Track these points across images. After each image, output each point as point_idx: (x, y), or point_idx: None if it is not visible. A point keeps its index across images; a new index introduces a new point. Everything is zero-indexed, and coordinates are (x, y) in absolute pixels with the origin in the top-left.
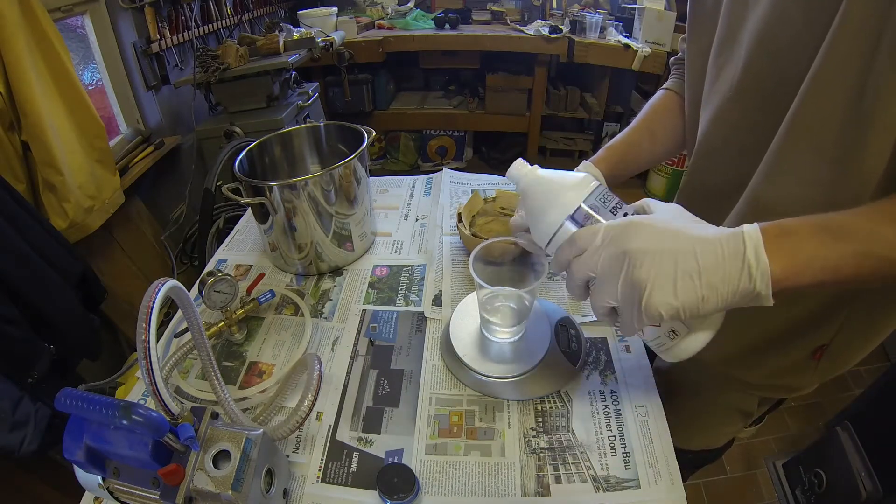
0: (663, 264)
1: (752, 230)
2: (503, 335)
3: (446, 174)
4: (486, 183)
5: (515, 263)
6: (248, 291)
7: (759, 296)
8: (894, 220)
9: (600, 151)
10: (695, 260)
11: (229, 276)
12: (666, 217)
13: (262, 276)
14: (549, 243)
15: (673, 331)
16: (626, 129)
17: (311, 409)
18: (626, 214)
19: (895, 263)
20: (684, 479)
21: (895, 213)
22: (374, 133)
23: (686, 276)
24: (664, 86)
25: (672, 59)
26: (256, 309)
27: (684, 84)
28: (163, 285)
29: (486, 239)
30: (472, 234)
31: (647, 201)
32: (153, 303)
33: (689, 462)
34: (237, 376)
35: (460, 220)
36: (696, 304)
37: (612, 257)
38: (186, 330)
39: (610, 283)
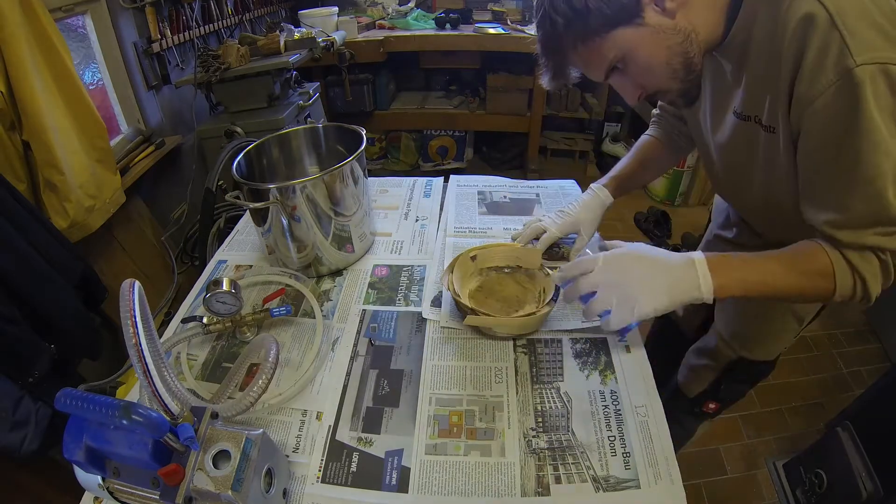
0: (646, 283)
1: (700, 259)
2: None
3: (453, 181)
4: (492, 185)
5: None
6: (265, 302)
7: (704, 300)
8: (791, 265)
9: (607, 179)
10: (665, 280)
11: (234, 291)
12: (642, 248)
13: (282, 290)
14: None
15: None
16: (625, 161)
17: (263, 390)
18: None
19: (784, 295)
20: (741, 395)
21: (793, 261)
22: (365, 131)
23: (661, 291)
24: (647, 133)
25: (653, 112)
26: (268, 319)
27: (661, 132)
28: (134, 286)
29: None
30: (472, 310)
31: (618, 242)
32: (133, 304)
33: (748, 377)
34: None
35: (452, 285)
36: (666, 307)
37: (611, 279)
38: (194, 317)
39: (608, 294)
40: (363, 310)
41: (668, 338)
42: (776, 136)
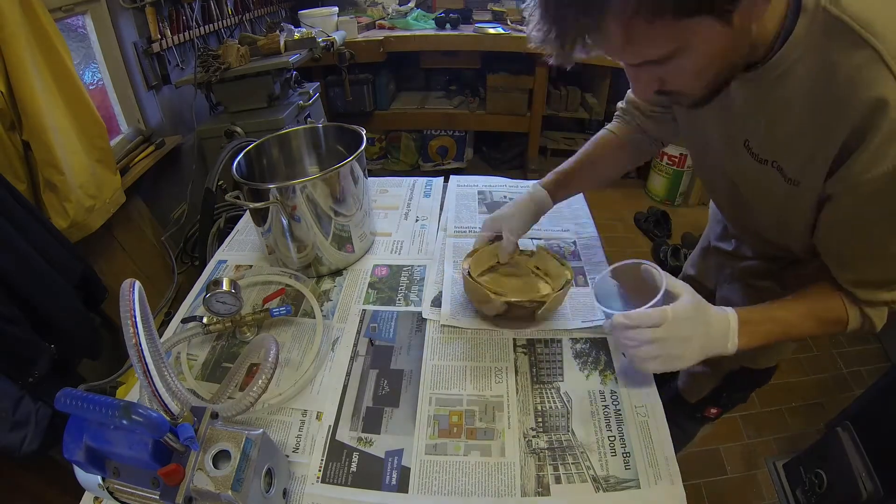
0: (692, 343)
1: (733, 317)
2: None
3: (453, 181)
4: (493, 185)
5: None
6: (265, 301)
7: (728, 354)
8: (809, 315)
9: (550, 175)
10: (704, 339)
11: (234, 291)
12: (699, 306)
13: (282, 290)
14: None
15: None
16: (573, 158)
17: (263, 390)
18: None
19: (799, 339)
20: (742, 401)
21: (812, 311)
22: (365, 131)
23: (699, 349)
24: (607, 127)
25: (618, 105)
26: (268, 319)
27: (625, 129)
28: (134, 286)
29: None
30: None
31: (679, 285)
32: (133, 304)
33: (749, 384)
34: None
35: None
36: (695, 362)
37: (673, 338)
38: (194, 317)
39: (658, 349)
40: (363, 310)
41: None
42: (799, 190)
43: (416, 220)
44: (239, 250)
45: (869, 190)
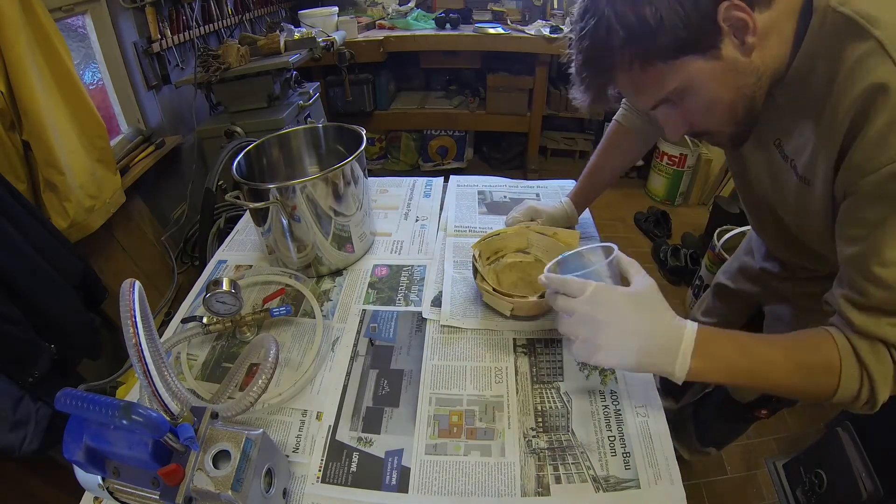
0: (617, 338)
1: (691, 331)
2: None
3: (453, 181)
4: (492, 185)
5: None
6: (265, 301)
7: (674, 377)
8: (790, 355)
9: (577, 184)
10: (640, 343)
11: (234, 291)
12: (641, 296)
13: (282, 290)
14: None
15: None
16: (593, 157)
17: (263, 390)
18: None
19: (777, 389)
20: (740, 433)
21: (795, 350)
22: (365, 131)
23: (629, 353)
24: (615, 118)
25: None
26: (268, 319)
27: (631, 117)
28: (134, 286)
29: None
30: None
31: (634, 264)
32: (133, 304)
33: (745, 417)
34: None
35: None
36: (632, 370)
37: (586, 315)
38: (194, 317)
39: (577, 327)
40: (363, 310)
41: None
42: (811, 189)
43: (416, 220)
44: (239, 250)
45: (874, 182)
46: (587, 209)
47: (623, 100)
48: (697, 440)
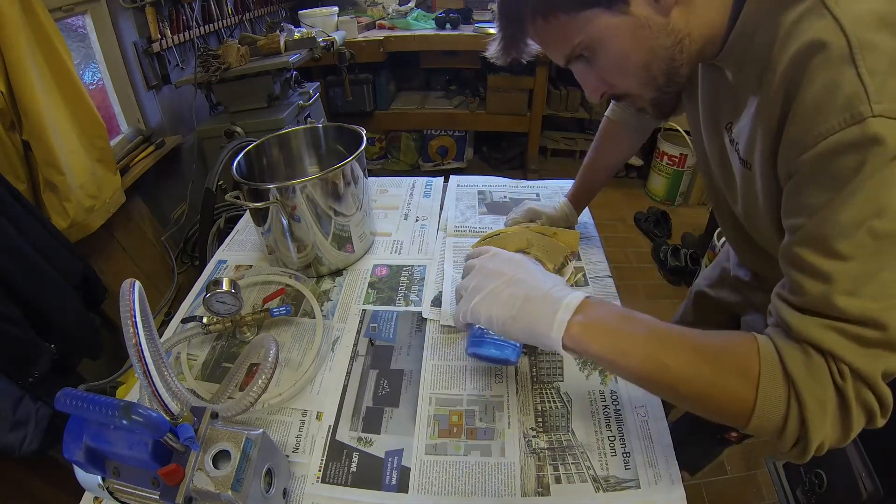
0: (505, 285)
1: (571, 300)
2: None
3: (453, 181)
4: (492, 185)
5: None
6: (265, 301)
7: (551, 341)
8: (700, 346)
9: (574, 184)
10: (525, 290)
11: (234, 291)
12: (518, 257)
13: (282, 290)
14: None
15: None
16: (588, 155)
17: (263, 390)
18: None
19: (673, 382)
20: (713, 457)
21: (707, 343)
22: (365, 131)
23: (511, 299)
24: (606, 114)
25: None
26: (268, 319)
27: (621, 112)
28: (134, 286)
29: None
30: None
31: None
32: (133, 304)
33: (715, 438)
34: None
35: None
36: (503, 323)
37: (483, 268)
38: (194, 317)
39: (471, 280)
40: (363, 310)
41: None
42: (752, 174)
43: (416, 220)
44: (239, 250)
45: (812, 157)
46: (587, 209)
47: None
48: None
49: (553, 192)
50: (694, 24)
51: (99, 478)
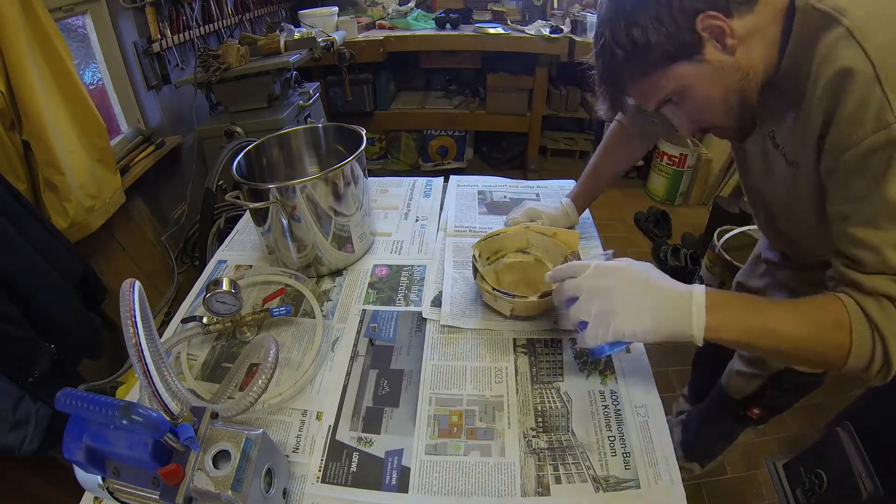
0: (631, 301)
1: (699, 293)
2: None
3: (453, 181)
4: (492, 185)
5: None
6: (265, 301)
7: (693, 338)
8: (801, 312)
9: (577, 184)
10: (653, 302)
11: (234, 291)
12: (642, 267)
13: (282, 290)
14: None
15: None
16: (594, 157)
17: (263, 390)
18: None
19: (792, 347)
20: (787, 405)
21: (804, 308)
22: (365, 131)
23: (645, 313)
24: (616, 118)
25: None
26: (268, 319)
27: (637, 120)
28: (134, 286)
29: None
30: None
31: (627, 259)
32: (133, 304)
33: (794, 388)
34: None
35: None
36: (648, 332)
37: (595, 287)
38: (194, 317)
39: (589, 304)
40: (363, 310)
41: (714, 347)
42: (799, 172)
43: (416, 220)
44: (239, 250)
45: (851, 158)
46: (587, 209)
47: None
48: (682, 450)
49: (553, 192)
50: (755, 58)
51: (99, 478)
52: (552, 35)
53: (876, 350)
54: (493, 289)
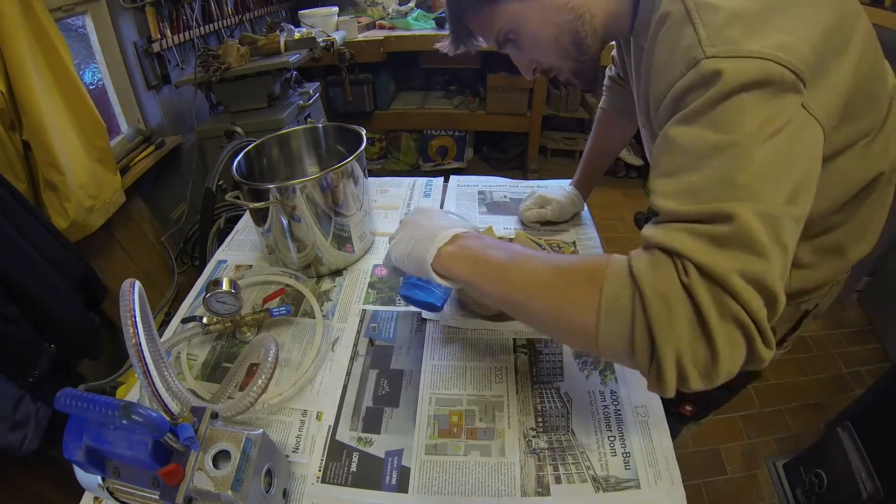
0: (406, 230)
1: (447, 234)
2: None
3: (453, 181)
4: (492, 185)
5: None
6: (265, 301)
7: (425, 265)
8: (551, 260)
9: (577, 170)
10: (417, 233)
11: (234, 291)
12: (430, 206)
13: (282, 290)
14: None
15: None
16: (589, 142)
17: (263, 390)
18: None
19: (526, 298)
20: (716, 404)
21: (559, 259)
22: (365, 131)
23: (409, 241)
24: (600, 105)
25: (604, 82)
26: (268, 319)
27: (613, 100)
28: (134, 286)
29: None
30: None
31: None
32: (133, 304)
33: (722, 384)
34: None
35: None
36: (402, 259)
37: (402, 221)
38: (194, 317)
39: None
40: (363, 310)
41: None
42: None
43: None
44: (239, 250)
45: (664, 103)
46: (587, 209)
47: (604, 87)
48: None
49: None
50: (594, 2)
51: (99, 478)
52: None
53: (636, 321)
54: None
